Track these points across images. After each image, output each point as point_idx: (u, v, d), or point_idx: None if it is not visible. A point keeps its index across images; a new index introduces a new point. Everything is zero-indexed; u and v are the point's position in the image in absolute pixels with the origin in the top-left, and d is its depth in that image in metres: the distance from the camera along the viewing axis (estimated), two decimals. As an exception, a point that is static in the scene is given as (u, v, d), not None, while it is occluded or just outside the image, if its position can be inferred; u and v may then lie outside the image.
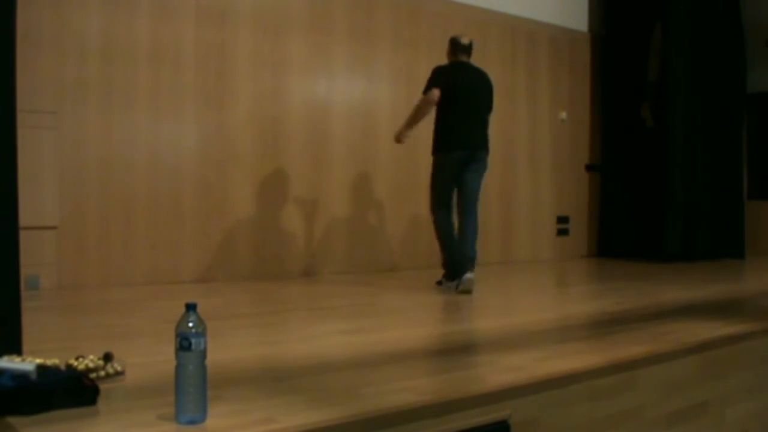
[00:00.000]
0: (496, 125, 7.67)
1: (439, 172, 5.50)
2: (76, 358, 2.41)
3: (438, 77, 5.46)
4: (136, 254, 5.48)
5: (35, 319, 3.49)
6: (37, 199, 4.98)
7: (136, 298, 4.90)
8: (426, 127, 7.07)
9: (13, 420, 1.94)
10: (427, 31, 7.04)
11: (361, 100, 6.68)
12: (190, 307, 1.97)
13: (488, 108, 5.72)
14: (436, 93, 5.39)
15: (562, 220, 8.35)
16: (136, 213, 5.47)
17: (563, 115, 8.29)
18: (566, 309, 4.95)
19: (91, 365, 2.39)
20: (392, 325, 4.06)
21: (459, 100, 5.45)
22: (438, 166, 5.51)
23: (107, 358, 2.47)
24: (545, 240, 8.21)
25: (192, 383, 1.95)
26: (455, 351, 3.22)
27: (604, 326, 3.88)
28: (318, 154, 6.36)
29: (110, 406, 2.13)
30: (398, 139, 5.60)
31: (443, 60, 5.75)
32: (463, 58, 5.65)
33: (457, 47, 5.64)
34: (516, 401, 2.49)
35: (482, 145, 5.58)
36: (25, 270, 2.72)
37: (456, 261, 5.34)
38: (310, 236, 6.33)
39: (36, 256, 4.95)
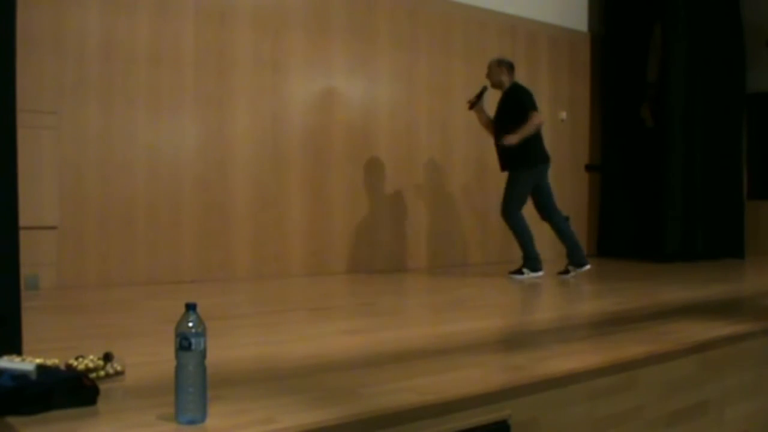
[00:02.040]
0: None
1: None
2: (76, 358, 2.41)
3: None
4: (136, 254, 5.48)
5: (35, 319, 3.49)
6: (36, 199, 4.98)
7: (135, 297, 4.90)
8: (426, 129, 7.09)
9: (12, 420, 1.94)
10: (426, 31, 7.04)
11: (361, 99, 6.67)
12: (190, 307, 1.97)
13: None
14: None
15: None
16: (135, 213, 5.47)
17: (563, 115, 8.29)
18: (566, 309, 4.95)
19: (90, 365, 2.39)
20: (392, 324, 4.06)
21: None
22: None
23: (107, 358, 2.47)
24: (545, 240, 8.19)
25: (192, 383, 1.95)
26: (455, 351, 3.21)
27: (604, 326, 3.88)
28: (317, 154, 6.36)
29: (110, 406, 2.12)
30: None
31: (443, 61, 5.77)
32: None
33: (514, 69, 6.25)
34: (516, 401, 2.49)
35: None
36: (25, 270, 2.72)
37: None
38: (310, 236, 6.32)
39: (36, 256, 4.95)
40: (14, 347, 2.39)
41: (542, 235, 6.53)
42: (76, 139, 5.24)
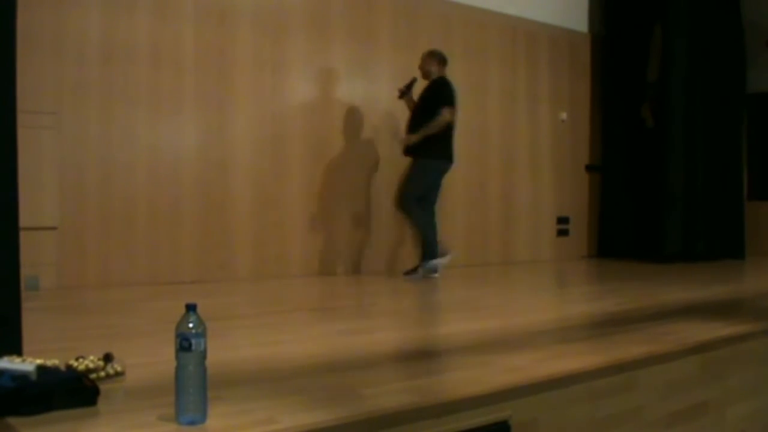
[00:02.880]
0: (496, 125, 7.71)
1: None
2: (76, 359, 2.41)
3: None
4: (136, 255, 5.48)
5: (35, 320, 3.49)
6: (37, 200, 4.98)
7: (135, 298, 4.90)
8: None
9: (13, 420, 1.94)
10: (426, 31, 7.05)
11: (361, 100, 6.67)
12: (190, 308, 1.97)
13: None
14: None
15: (563, 220, 8.35)
16: (136, 213, 5.48)
17: (563, 115, 8.30)
18: (566, 309, 4.95)
19: (91, 366, 2.39)
20: (393, 325, 4.06)
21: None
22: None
23: (107, 358, 2.47)
24: (545, 240, 8.21)
25: (192, 384, 1.95)
26: (455, 351, 3.22)
27: (604, 327, 3.88)
28: (317, 154, 6.36)
29: (110, 407, 2.12)
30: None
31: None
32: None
33: (446, 63, 6.26)
34: (516, 402, 2.49)
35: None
36: (25, 270, 2.72)
37: None
38: (310, 236, 6.33)
39: (36, 256, 4.95)
40: (14, 348, 2.39)
41: (542, 235, 6.55)
42: (76, 139, 5.24)
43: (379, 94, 6.78)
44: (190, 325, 1.95)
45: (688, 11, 8.03)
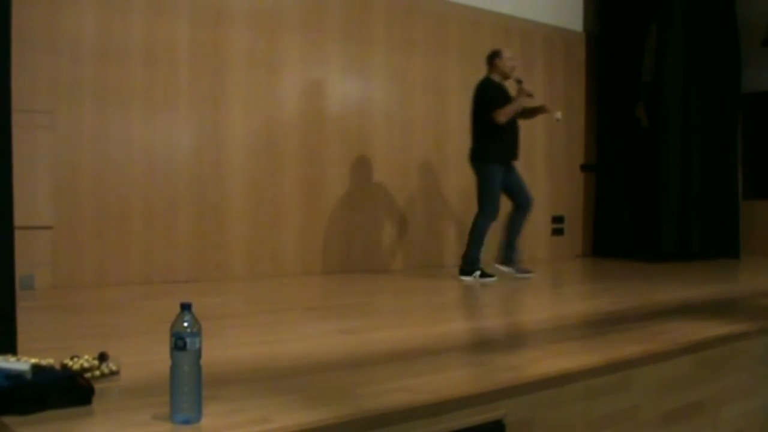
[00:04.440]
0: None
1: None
2: (71, 358, 2.41)
3: None
4: (131, 254, 5.47)
5: (30, 319, 3.49)
6: (31, 199, 4.98)
7: (130, 297, 4.89)
8: (421, 128, 7.10)
9: (8, 420, 1.94)
10: (422, 30, 7.04)
11: (356, 99, 6.67)
12: (185, 307, 1.97)
13: (473, 117, 6.05)
14: None
15: (557, 219, 8.35)
16: (130, 212, 5.47)
17: (558, 114, 8.27)
18: (561, 309, 4.95)
19: (86, 365, 2.39)
20: (388, 324, 4.06)
21: None
22: None
23: (102, 357, 2.47)
24: (540, 239, 8.21)
25: (187, 383, 1.95)
26: (450, 351, 3.22)
27: (599, 326, 3.89)
28: (313, 153, 6.36)
29: (105, 406, 2.12)
30: None
31: (438, 60, 5.77)
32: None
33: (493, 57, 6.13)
34: (511, 401, 2.49)
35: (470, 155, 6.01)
36: (20, 270, 2.72)
37: None
38: (305, 235, 6.32)
39: (31, 255, 4.94)
40: (9, 347, 2.39)
41: (537, 234, 6.51)
42: (71, 138, 5.23)
43: (374, 93, 6.78)
44: (185, 324, 1.95)
45: (683, 10, 8.03)
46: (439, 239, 7.23)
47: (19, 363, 2.16)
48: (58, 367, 2.33)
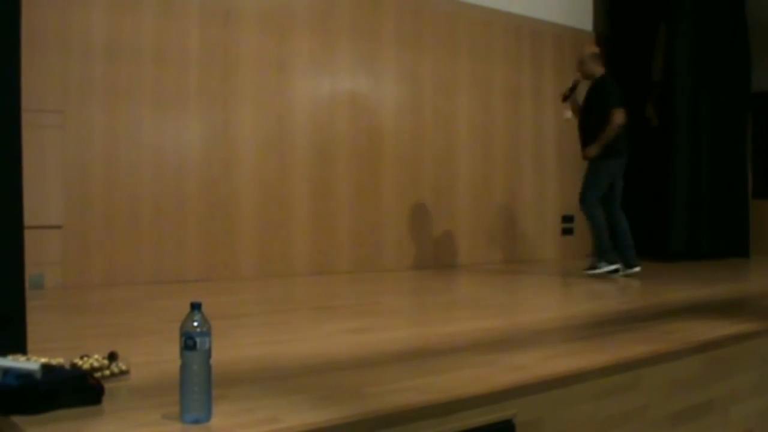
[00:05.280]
0: (501, 124, 7.70)
1: None
2: (81, 358, 2.41)
3: None
4: (141, 253, 5.49)
5: (40, 319, 3.50)
6: (41, 199, 4.99)
7: (140, 297, 4.90)
8: (431, 128, 7.09)
9: (17, 419, 1.94)
10: (431, 29, 7.04)
11: (366, 98, 6.67)
12: (195, 306, 1.97)
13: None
14: None
15: (567, 219, 8.34)
16: (140, 212, 5.48)
17: (568, 114, 8.27)
18: (571, 308, 4.95)
19: (95, 364, 2.39)
20: (396, 324, 4.06)
21: None
22: None
23: (112, 357, 2.47)
24: (550, 239, 8.20)
25: (196, 382, 1.95)
26: (459, 350, 3.21)
27: (609, 325, 3.87)
28: (322, 153, 6.36)
29: (115, 406, 2.13)
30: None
31: (448, 59, 5.76)
32: None
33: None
34: (521, 400, 2.49)
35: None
36: (30, 269, 2.73)
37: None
38: (315, 235, 6.32)
39: (40, 255, 4.95)
40: (19, 346, 2.40)
41: (547, 234, 6.49)
42: (81, 138, 5.25)
43: (384, 92, 6.78)
44: (195, 323, 1.95)
45: (692, 10, 8.01)
46: (449, 238, 7.23)
47: (29, 362, 2.16)
48: (67, 366, 2.34)
